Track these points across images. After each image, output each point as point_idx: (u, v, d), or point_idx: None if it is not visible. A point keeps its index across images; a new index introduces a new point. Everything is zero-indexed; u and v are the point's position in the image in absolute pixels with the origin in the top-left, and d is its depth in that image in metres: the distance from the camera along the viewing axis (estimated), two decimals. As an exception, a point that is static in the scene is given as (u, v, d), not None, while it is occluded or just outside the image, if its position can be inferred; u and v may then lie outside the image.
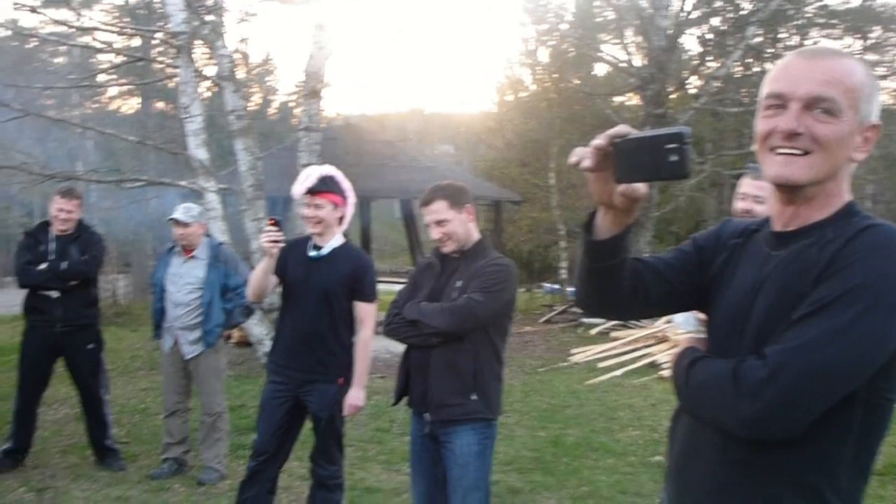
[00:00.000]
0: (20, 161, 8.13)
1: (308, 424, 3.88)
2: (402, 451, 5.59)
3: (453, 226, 3.00)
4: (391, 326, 3.09)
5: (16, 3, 7.35)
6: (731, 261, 1.56)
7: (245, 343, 8.78)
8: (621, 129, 1.35)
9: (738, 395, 1.34)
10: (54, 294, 4.96)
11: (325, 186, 3.67)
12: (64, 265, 4.95)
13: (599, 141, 1.35)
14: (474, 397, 2.95)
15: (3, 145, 8.66)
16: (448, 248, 3.05)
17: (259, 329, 7.96)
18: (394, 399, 3.23)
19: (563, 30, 16.76)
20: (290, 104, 24.59)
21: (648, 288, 1.57)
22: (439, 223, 3.00)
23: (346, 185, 3.78)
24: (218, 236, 6.17)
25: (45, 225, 5.11)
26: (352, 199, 3.82)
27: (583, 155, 1.38)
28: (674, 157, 1.28)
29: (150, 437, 5.98)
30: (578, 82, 17.72)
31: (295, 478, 4.70)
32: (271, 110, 25.89)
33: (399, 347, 3.24)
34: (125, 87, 16.26)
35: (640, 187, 1.37)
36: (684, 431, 1.58)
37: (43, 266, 4.93)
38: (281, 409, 3.75)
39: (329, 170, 3.76)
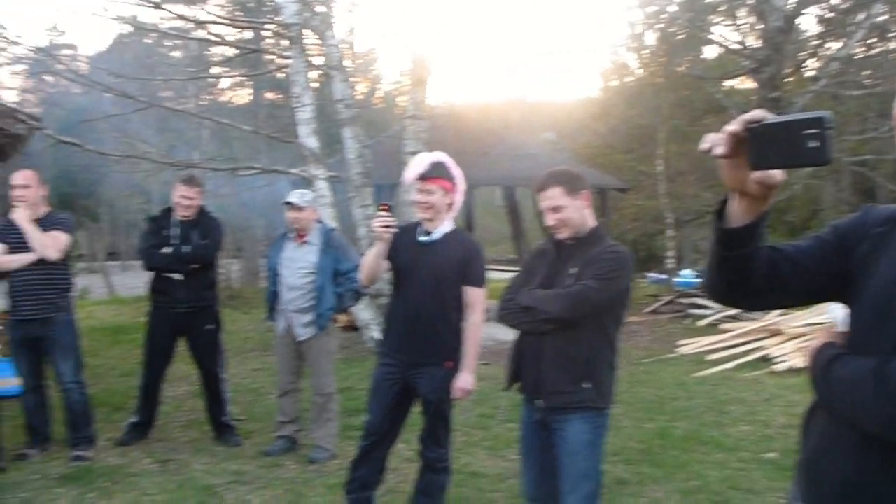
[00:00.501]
0: (143, 150, 8.55)
1: (417, 407, 3.93)
2: (506, 438, 5.61)
3: (569, 212, 2.97)
4: (504, 312, 3.10)
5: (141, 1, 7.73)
6: (876, 250, 1.48)
7: (352, 327, 8.98)
8: (757, 113, 1.30)
9: (881, 396, 1.28)
10: (177, 277, 5.21)
11: (435, 172, 3.71)
12: (186, 249, 5.19)
13: (734, 126, 1.31)
14: (587, 385, 2.93)
15: (129, 135, 9.14)
16: (563, 234, 3.01)
17: (366, 313, 8.13)
18: (505, 384, 3.24)
19: (671, 12, 16.26)
20: (394, 93, 24.91)
21: (784, 277, 1.51)
22: (554, 209, 2.97)
23: (456, 171, 3.80)
24: (327, 223, 6.31)
25: (168, 211, 5.36)
26: (462, 185, 3.84)
27: (715, 141, 1.33)
28: (813, 143, 1.23)
29: (263, 415, 6.21)
30: (687, 66, 17.16)
31: (402, 459, 4.77)
32: (376, 99, 26.28)
33: (505, 335, 3.24)
34: (238, 79, 16.84)
35: (776, 174, 1.31)
36: (820, 427, 1.52)
37: (167, 250, 5.19)
38: (391, 391, 3.81)
39: (440, 156, 3.80)
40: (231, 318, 11.25)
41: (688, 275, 13.85)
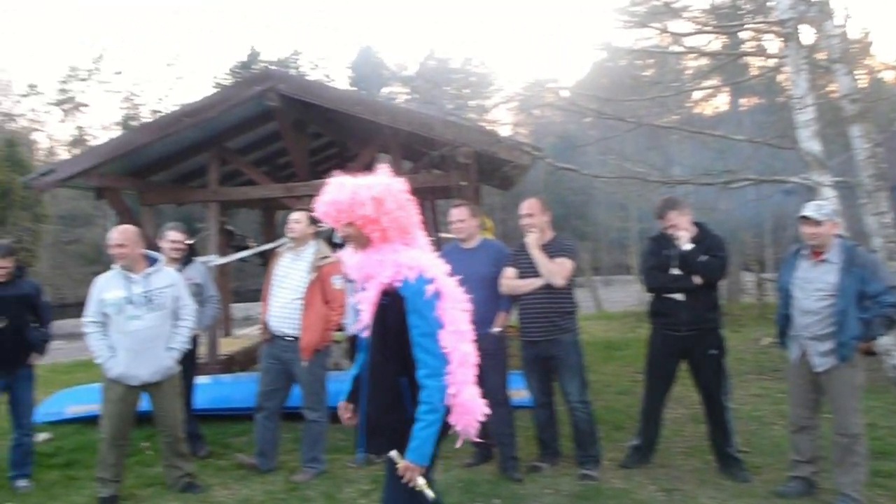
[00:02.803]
0: (632, 171, 8.64)
1: None
2: None
3: None
4: None
5: (627, 22, 7.82)
6: None
7: (868, 352, 7.83)
8: None
9: None
10: (679, 297, 5.02)
11: None
12: (700, 260, 4.95)
13: None
14: None
15: (619, 156, 9.35)
16: None
17: (887, 338, 7.00)
18: None
19: None
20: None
21: None
22: None
23: None
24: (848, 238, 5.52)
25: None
26: None
27: None
28: None
29: (769, 448, 5.70)
30: None
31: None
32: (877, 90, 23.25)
33: None
34: (712, 89, 16.29)
35: None
36: None
37: (675, 272, 5.03)
38: None
39: None
40: (721, 337, 10.79)
41: None
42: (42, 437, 6.53)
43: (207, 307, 6.12)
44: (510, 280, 5.12)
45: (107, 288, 4.96)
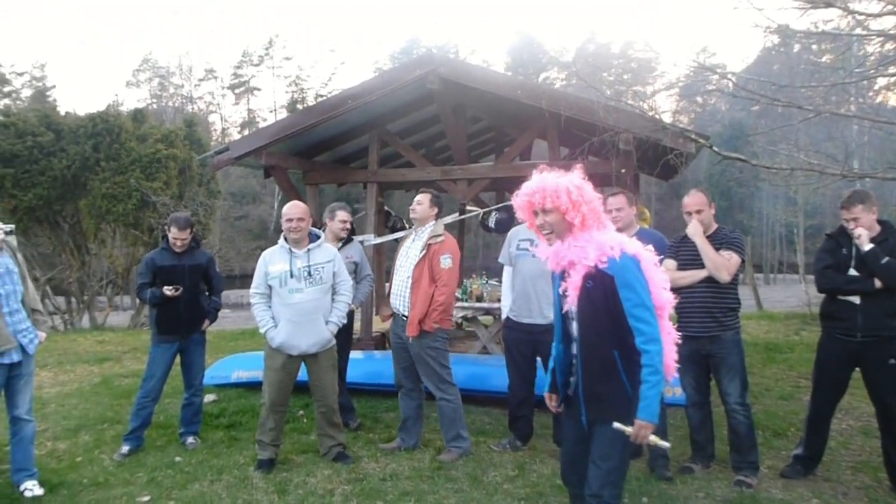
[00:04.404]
0: (805, 162, 8.09)
1: None
2: None
3: None
4: None
5: (804, 3, 7.25)
6: None
7: None
8: None
9: None
10: (855, 300, 4.64)
11: None
12: (883, 262, 4.55)
13: None
14: None
15: (796, 145, 8.80)
16: None
17: None
18: None
19: None
20: None
21: None
22: None
23: None
24: None
25: (845, 229, 4.81)
26: None
27: None
28: None
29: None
30: None
31: None
32: None
33: None
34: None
35: None
36: None
37: (852, 272, 4.66)
38: None
39: None
40: None
41: None
42: (209, 398, 6.98)
43: (363, 284, 6.30)
44: (670, 272, 4.91)
45: (272, 261, 5.20)
